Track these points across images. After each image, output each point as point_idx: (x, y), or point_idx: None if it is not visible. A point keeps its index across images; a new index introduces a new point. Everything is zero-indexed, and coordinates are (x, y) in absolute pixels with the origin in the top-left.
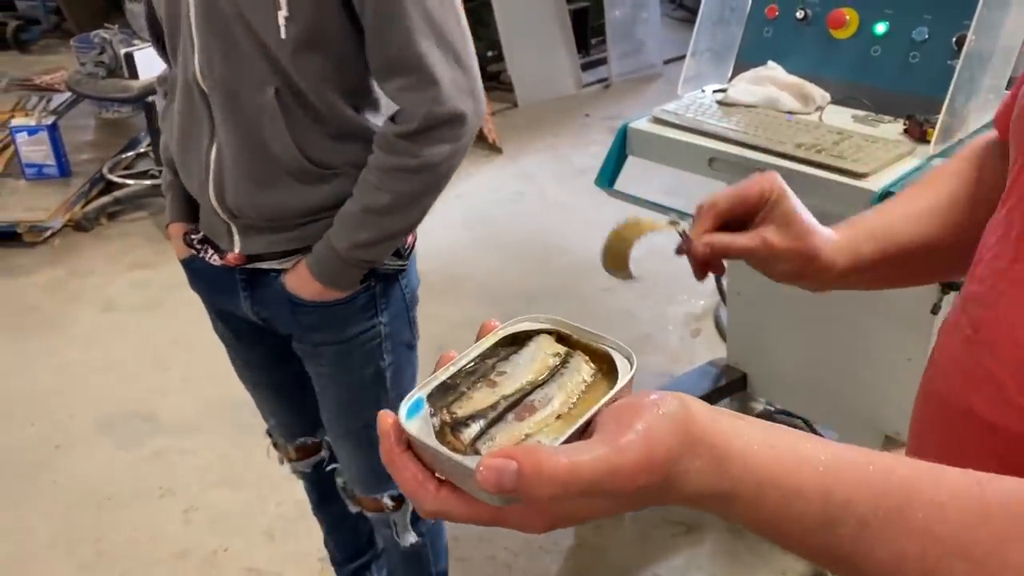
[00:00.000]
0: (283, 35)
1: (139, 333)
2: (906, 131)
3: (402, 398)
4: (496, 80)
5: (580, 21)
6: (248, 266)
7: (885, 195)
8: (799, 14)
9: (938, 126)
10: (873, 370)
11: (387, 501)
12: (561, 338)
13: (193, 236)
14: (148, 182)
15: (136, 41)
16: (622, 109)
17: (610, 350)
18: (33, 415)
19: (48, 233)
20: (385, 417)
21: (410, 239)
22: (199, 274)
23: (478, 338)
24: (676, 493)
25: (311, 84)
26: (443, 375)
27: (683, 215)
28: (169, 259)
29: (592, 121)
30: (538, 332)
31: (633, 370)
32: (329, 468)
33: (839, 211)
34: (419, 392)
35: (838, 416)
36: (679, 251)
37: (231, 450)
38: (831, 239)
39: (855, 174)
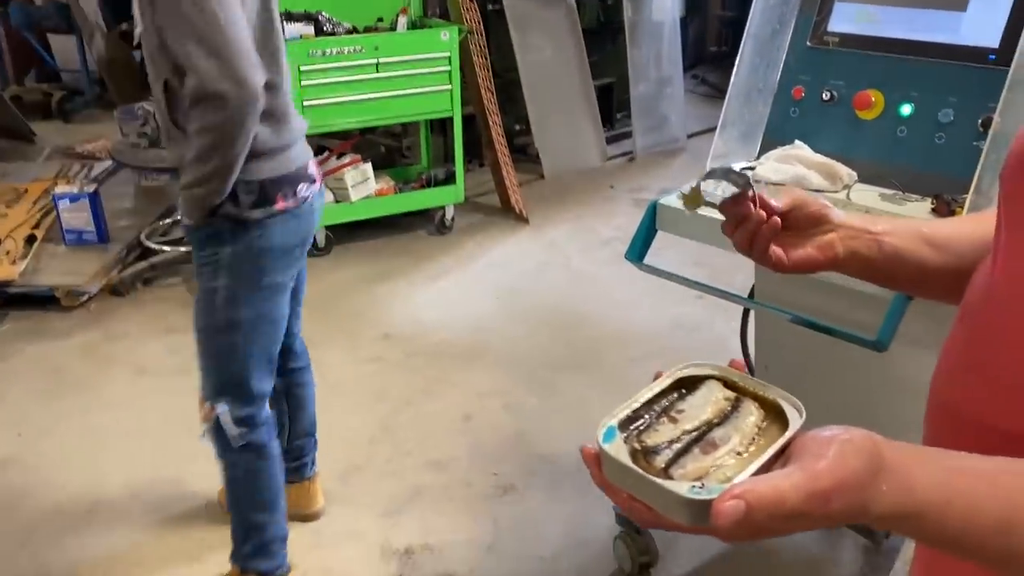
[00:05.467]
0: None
1: (171, 397)
2: (934, 210)
3: (234, 324)
4: (523, 152)
5: (605, 96)
6: None
7: None
8: (825, 95)
9: (966, 205)
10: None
11: (216, 411)
12: (728, 384)
13: None
14: (184, 248)
15: None
16: (646, 181)
17: (779, 399)
18: (65, 478)
19: (85, 297)
20: (588, 450)
21: (280, 204)
22: None
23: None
24: (867, 514)
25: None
26: (627, 408)
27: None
28: None
29: (617, 193)
30: (706, 378)
31: (803, 418)
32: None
33: (869, 289)
34: (611, 420)
35: None
36: (733, 200)
37: None
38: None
39: None
